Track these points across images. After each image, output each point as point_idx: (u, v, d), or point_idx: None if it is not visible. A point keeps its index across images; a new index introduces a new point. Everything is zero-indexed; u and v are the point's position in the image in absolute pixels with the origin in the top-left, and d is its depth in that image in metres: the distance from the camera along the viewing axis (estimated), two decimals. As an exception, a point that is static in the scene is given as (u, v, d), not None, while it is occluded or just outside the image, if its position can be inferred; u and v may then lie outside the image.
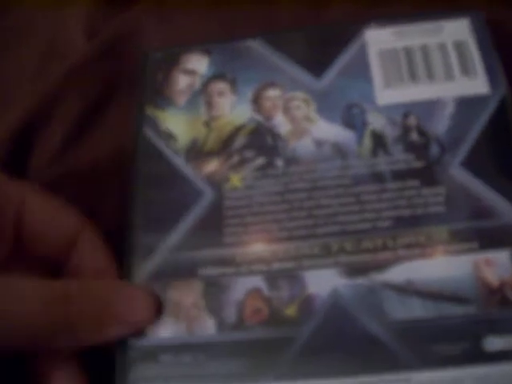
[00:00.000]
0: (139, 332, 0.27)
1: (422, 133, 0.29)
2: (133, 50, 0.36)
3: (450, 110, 0.29)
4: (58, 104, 0.35)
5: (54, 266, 0.28)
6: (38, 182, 0.32)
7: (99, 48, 0.36)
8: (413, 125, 0.29)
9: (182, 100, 0.32)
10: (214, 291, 0.27)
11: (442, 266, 0.26)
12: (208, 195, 0.29)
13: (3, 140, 0.34)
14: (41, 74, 0.37)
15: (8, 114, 0.35)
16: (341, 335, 0.26)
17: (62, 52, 0.37)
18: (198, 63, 0.33)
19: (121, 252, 0.28)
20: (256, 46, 0.32)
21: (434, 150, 0.28)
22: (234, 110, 0.31)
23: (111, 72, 0.35)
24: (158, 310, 0.27)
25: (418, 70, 0.30)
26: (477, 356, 0.24)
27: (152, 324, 0.27)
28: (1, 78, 0.37)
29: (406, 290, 0.26)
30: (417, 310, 0.26)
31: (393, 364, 0.25)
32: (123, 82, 0.35)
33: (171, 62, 0.33)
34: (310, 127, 0.30)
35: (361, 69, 0.31)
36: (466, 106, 0.29)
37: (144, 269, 0.28)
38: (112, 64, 0.36)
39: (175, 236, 0.28)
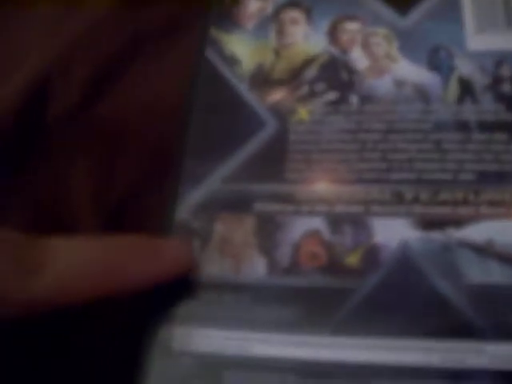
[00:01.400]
0: None
1: (515, 84, 0.26)
2: (158, 3, 0.33)
3: (548, 63, 0.26)
4: (79, 55, 0.32)
5: None
6: (56, 132, 0.30)
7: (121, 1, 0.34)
8: (506, 75, 0.26)
9: (250, 24, 0.29)
10: (267, 229, 0.24)
11: (528, 229, 0.23)
12: (271, 126, 0.26)
13: (19, 89, 0.31)
14: (60, 24, 0.34)
15: (25, 63, 0.32)
16: (407, 292, 0.23)
17: (82, 7, 0.34)
18: (272, -12, 0.30)
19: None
20: (336, -24, 0.30)
21: (528, 104, 0.26)
22: (307, 40, 0.28)
23: (138, 23, 0.33)
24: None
25: (516, 18, 0.28)
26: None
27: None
28: (18, 28, 0.35)
29: (486, 251, 0.23)
30: (496, 274, 0.23)
31: (464, 331, 0.22)
32: (151, 33, 0.32)
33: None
34: (390, 65, 0.27)
35: (452, 11, 0.28)
36: None
37: (192, 197, 0.25)
38: (139, 14, 0.33)
39: (230, 166, 0.26)
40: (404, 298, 0.23)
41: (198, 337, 0.23)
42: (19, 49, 0.34)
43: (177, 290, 0.24)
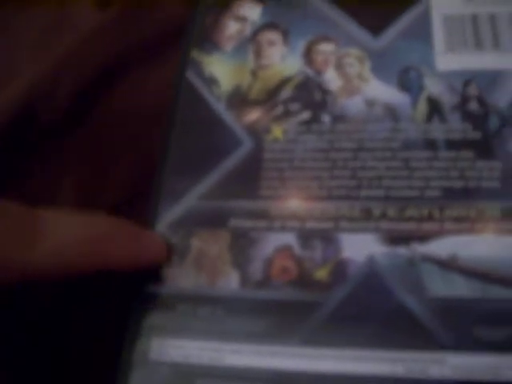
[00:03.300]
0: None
1: (482, 103, 0.27)
2: (148, 19, 0.35)
3: (514, 83, 0.27)
4: (68, 68, 0.33)
5: None
6: (49, 141, 0.31)
7: (112, 17, 0.35)
8: (473, 94, 0.27)
9: (229, 46, 0.30)
10: (241, 244, 0.25)
11: (491, 244, 0.24)
12: (247, 145, 0.27)
13: (7, 104, 0.32)
14: (51, 38, 0.35)
15: (17, 78, 0.33)
16: (373, 306, 0.24)
17: (73, 22, 0.36)
18: (251, 10, 0.31)
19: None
20: (313, -2, 0.31)
21: (494, 122, 0.26)
22: (283, 61, 0.29)
23: (127, 39, 0.34)
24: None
25: (484, 39, 0.28)
26: (521, 344, 0.22)
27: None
28: (8, 45, 0.36)
29: (450, 265, 0.24)
30: (459, 288, 0.23)
31: (427, 342, 0.23)
32: (140, 50, 0.34)
33: (223, 7, 0.31)
34: (362, 86, 0.28)
35: (422, 32, 0.29)
36: (532, 81, 0.27)
37: (170, 214, 0.26)
38: (129, 31, 0.34)
39: (206, 183, 0.27)
40: (370, 311, 0.24)
41: (174, 347, 0.24)
42: (9, 61, 0.35)
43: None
